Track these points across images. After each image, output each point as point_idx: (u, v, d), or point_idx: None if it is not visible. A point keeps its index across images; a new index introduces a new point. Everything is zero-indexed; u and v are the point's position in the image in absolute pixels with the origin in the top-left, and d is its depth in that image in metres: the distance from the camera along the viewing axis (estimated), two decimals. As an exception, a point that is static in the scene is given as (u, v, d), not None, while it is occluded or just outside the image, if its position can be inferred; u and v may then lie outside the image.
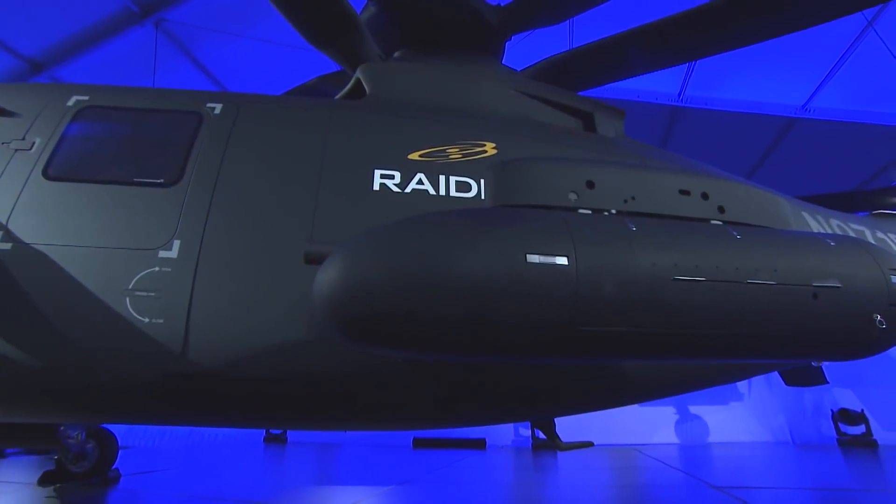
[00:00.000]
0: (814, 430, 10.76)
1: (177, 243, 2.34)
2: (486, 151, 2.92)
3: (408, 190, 2.66)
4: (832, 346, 1.95)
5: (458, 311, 1.61)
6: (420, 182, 2.70)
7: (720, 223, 2.10)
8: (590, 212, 1.98)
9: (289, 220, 2.47)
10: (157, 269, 2.27)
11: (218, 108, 2.79)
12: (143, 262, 2.27)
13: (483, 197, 2.74)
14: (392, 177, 2.69)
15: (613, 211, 2.01)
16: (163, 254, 2.30)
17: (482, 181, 2.78)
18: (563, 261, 1.62)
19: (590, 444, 3.38)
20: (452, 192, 2.71)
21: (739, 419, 11.17)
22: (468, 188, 2.75)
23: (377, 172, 2.68)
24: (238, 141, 2.67)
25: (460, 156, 2.87)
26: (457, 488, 5.41)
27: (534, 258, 1.59)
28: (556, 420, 3.54)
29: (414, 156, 2.79)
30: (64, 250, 2.30)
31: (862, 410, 10.04)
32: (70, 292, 2.20)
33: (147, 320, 2.18)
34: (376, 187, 2.63)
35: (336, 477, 6.73)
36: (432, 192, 2.68)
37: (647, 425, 11.00)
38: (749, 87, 11.44)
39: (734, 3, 3.36)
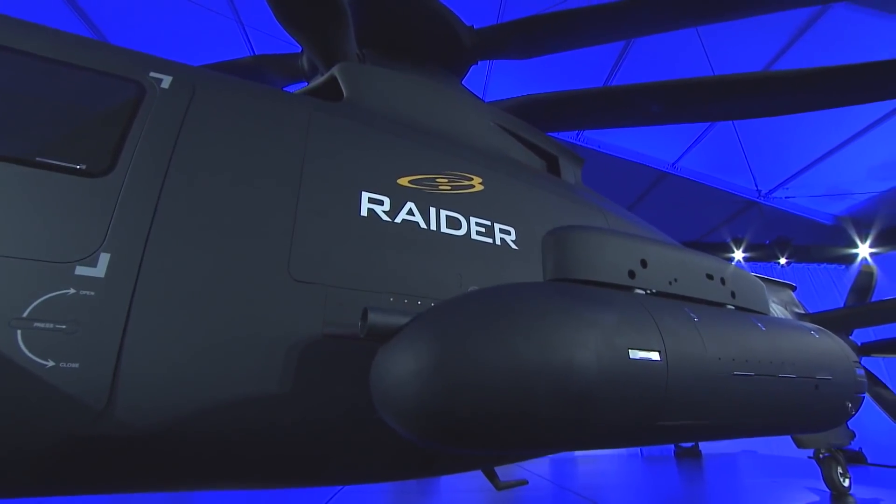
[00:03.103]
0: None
1: (104, 258, 1.73)
2: (473, 186, 2.78)
3: (398, 220, 2.39)
4: (817, 424, 2.32)
5: (566, 412, 1.42)
6: (410, 212, 2.44)
7: (733, 308, 2.29)
8: (643, 292, 1.98)
9: (260, 241, 2.01)
10: (71, 291, 1.65)
11: (166, 81, 2.17)
12: (48, 281, 1.62)
13: (473, 236, 2.59)
14: (381, 202, 2.38)
15: (654, 290, 2.03)
16: (82, 270, 1.68)
17: (471, 219, 2.64)
18: (656, 356, 1.57)
19: (524, 483, 3.42)
20: (443, 228, 2.50)
21: (600, 433, 12.66)
22: (458, 225, 2.57)
23: (364, 195, 2.35)
24: (194, 130, 2.10)
25: (449, 188, 2.68)
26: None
27: (636, 354, 1.52)
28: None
29: (403, 181, 2.52)
30: None
31: (692, 425, 12.13)
32: None
33: (50, 364, 1.56)
34: (364, 213, 2.31)
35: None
36: (423, 225, 2.45)
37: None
38: (635, 138, 13.13)
39: (705, 85, 3.77)
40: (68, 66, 2.05)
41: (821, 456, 6.02)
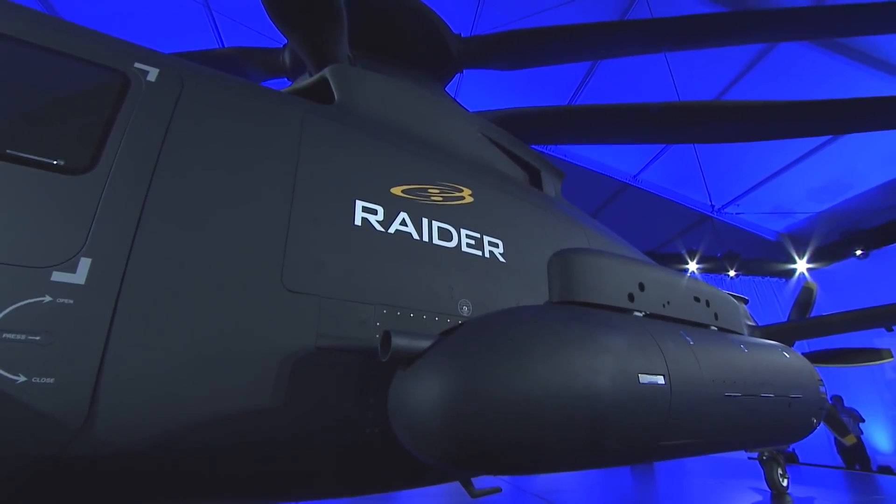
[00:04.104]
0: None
1: (85, 263, 1.61)
2: (463, 198, 2.79)
3: (391, 230, 2.36)
4: (788, 438, 2.54)
5: (584, 435, 1.47)
6: (403, 223, 2.42)
7: (716, 329, 2.42)
8: (641, 314, 2.05)
9: (253, 248, 1.93)
10: (46, 298, 1.52)
11: (152, 73, 2.04)
12: (20, 288, 1.49)
13: (463, 248, 2.60)
14: (375, 212, 2.35)
15: (645, 313, 2.11)
16: (59, 276, 1.55)
17: (462, 231, 2.65)
18: (661, 380, 1.64)
19: (498, 490, 3.47)
20: (435, 240, 2.50)
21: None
22: (449, 237, 2.57)
23: (359, 204, 2.31)
24: (184, 127, 1.98)
25: (441, 199, 2.68)
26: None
27: (645, 379, 1.58)
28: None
29: (396, 191, 2.50)
30: None
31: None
32: None
33: (22, 380, 1.43)
34: (358, 222, 2.27)
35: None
36: (416, 236, 2.44)
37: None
38: (601, 149, 13.62)
39: (681, 109, 3.96)
40: (44, 51, 1.89)
41: (763, 458, 6.43)
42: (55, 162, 1.69)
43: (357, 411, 1.97)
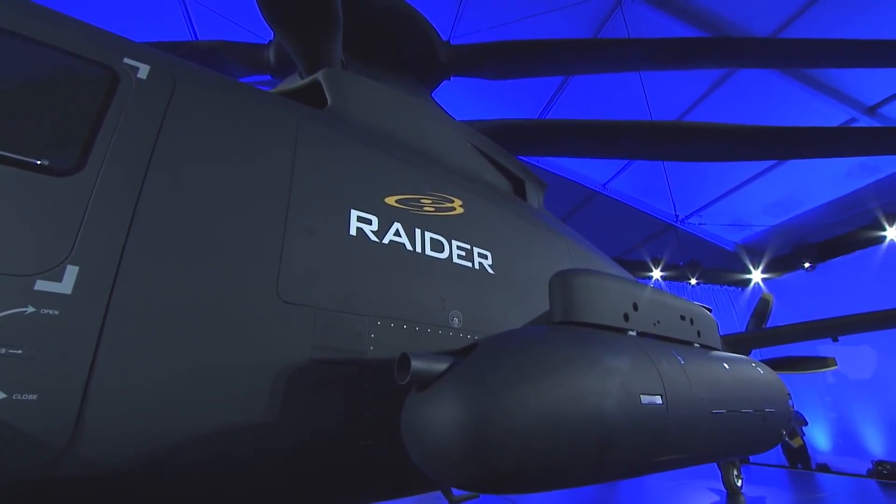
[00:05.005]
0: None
1: (72, 271, 1.52)
2: (454, 209, 2.82)
3: (385, 240, 2.35)
4: (760, 448, 2.73)
5: (592, 455, 1.54)
6: (397, 233, 2.42)
7: (699, 346, 2.55)
8: (634, 334, 2.12)
9: (248, 258, 1.88)
10: (29, 309, 1.44)
11: (143, 70, 1.95)
12: (0, 298, 1.42)
13: (454, 260, 2.62)
14: (369, 222, 2.34)
15: (637, 332, 2.19)
16: (44, 285, 1.47)
17: (453, 243, 2.67)
18: (659, 400, 1.73)
19: (476, 496, 3.52)
20: (427, 251, 2.51)
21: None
22: (441, 248, 2.59)
23: (354, 213, 2.29)
24: (177, 129, 1.91)
25: (433, 209, 2.69)
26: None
27: (645, 399, 1.66)
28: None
29: (390, 200, 2.49)
30: None
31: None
32: None
33: (1, 396, 1.35)
34: (353, 232, 2.25)
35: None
36: (409, 247, 2.44)
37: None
38: (572, 158, 13.93)
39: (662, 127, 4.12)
40: (26, 41, 1.76)
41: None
42: (39, 162, 1.59)
43: (351, 424, 1.96)
